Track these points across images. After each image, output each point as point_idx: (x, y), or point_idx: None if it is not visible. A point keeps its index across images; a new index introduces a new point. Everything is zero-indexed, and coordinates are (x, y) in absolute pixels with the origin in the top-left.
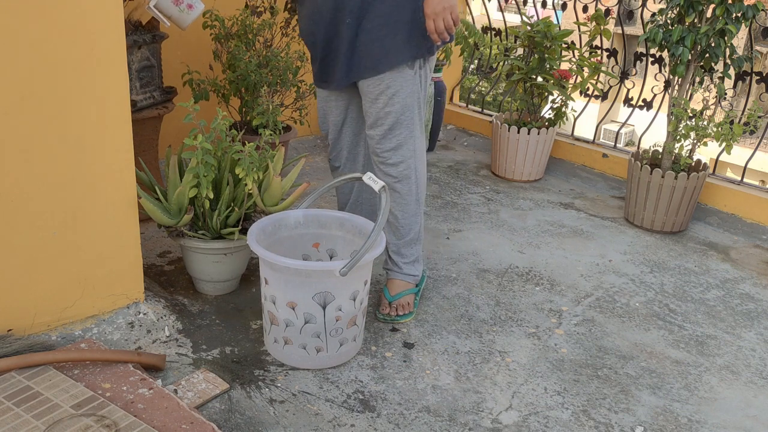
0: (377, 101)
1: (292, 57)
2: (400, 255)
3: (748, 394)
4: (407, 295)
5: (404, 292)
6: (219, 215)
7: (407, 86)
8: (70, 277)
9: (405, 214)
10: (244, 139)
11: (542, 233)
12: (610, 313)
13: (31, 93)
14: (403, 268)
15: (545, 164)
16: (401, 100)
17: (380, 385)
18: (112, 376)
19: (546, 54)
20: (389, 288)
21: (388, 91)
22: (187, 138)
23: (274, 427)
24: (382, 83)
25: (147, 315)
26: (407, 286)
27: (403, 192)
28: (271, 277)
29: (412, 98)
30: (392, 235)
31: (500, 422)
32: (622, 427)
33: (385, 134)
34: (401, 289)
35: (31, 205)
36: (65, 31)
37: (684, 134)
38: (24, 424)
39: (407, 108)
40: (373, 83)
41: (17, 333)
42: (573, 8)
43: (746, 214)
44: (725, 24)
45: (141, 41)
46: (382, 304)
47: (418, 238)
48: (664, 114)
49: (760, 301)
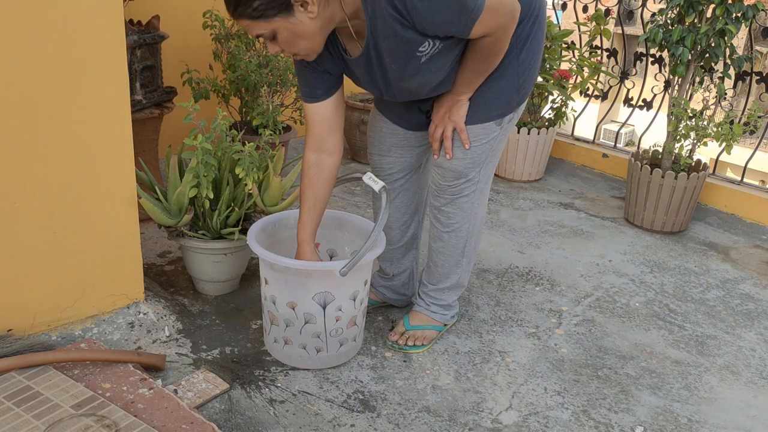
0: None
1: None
2: (432, 297)
3: (748, 394)
4: (428, 330)
5: (426, 326)
6: (219, 215)
7: (489, 141)
8: (70, 277)
9: (445, 263)
10: (244, 139)
11: (542, 233)
12: (610, 313)
13: (31, 93)
14: (431, 307)
15: (545, 164)
16: (480, 153)
17: (380, 385)
18: (112, 376)
19: (546, 54)
20: (410, 318)
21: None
22: (187, 138)
23: (274, 427)
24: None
25: (147, 315)
26: (432, 322)
27: (447, 242)
28: (271, 277)
29: (490, 153)
30: (428, 276)
31: (500, 422)
32: (622, 427)
33: (449, 185)
34: (423, 323)
35: (31, 205)
36: (65, 31)
37: (684, 134)
38: (24, 424)
39: (482, 162)
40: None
41: (17, 333)
42: (573, 8)
43: (746, 214)
44: (725, 24)
45: (141, 41)
46: (395, 331)
47: (457, 286)
48: (664, 114)
49: (760, 301)
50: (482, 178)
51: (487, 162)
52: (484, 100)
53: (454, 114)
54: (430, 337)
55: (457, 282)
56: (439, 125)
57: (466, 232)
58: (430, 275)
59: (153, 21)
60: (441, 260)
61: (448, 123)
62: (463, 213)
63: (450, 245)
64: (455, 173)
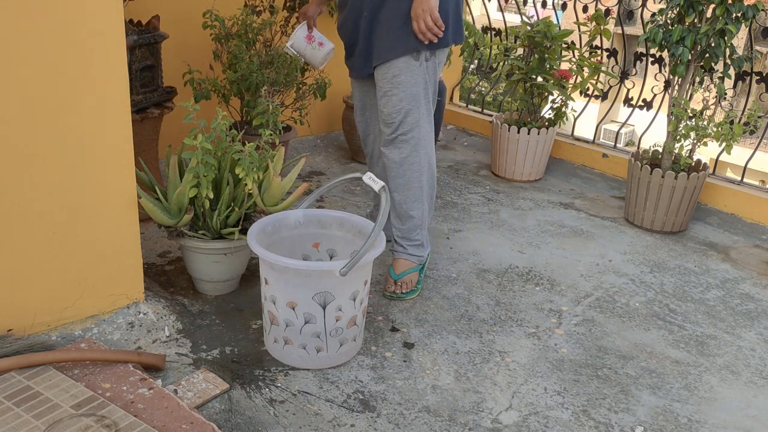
0: (383, 88)
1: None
2: (405, 239)
3: (748, 394)
4: (411, 273)
5: (408, 270)
6: (219, 215)
7: (412, 76)
8: (70, 277)
9: (406, 199)
10: (244, 139)
11: (542, 233)
12: (610, 313)
13: (31, 93)
14: (408, 249)
15: (545, 164)
16: (406, 88)
17: (380, 385)
18: (112, 376)
19: (546, 54)
20: (394, 267)
21: (395, 80)
22: (187, 138)
23: (274, 427)
24: (389, 72)
25: (147, 315)
26: (411, 265)
27: (405, 176)
28: (271, 277)
29: (417, 88)
30: (396, 219)
31: (500, 422)
32: (622, 427)
33: (390, 120)
34: (405, 268)
35: (31, 205)
36: (65, 31)
37: (684, 134)
38: (24, 424)
39: (413, 97)
40: (382, 71)
41: (17, 333)
42: (573, 8)
43: (746, 214)
44: (725, 24)
45: (141, 41)
46: (387, 283)
47: (422, 224)
48: (664, 114)
49: (760, 301)
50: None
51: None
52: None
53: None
54: (414, 280)
55: (421, 218)
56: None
57: (417, 165)
58: (398, 217)
59: (153, 21)
60: (402, 197)
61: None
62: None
63: (407, 179)
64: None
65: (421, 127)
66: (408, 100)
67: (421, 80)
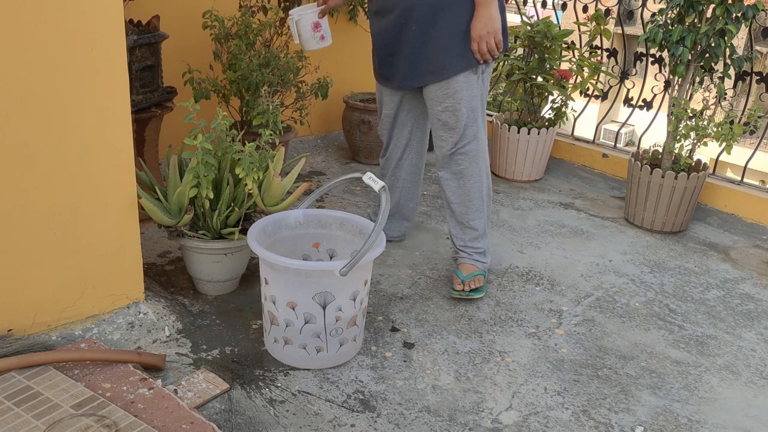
0: (443, 104)
1: (293, 58)
2: (468, 247)
3: (748, 394)
4: (478, 275)
5: (475, 272)
6: (219, 215)
7: (471, 90)
8: (70, 277)
9: (468, 210)
10: (244, 139)
11: (542, 233)
12: (610, 313)
13: (31, 93)
14: (472, 255)
15: (545, 164)
16: (466, 103)
17: (380, 385)
18: (112, 376)
19: (546, 54)
20: (461, 270)
21: (456, 96)
22: (187, 138)
23: (274, 427)
24: (450, 88)
25: (147, 315)
26: (477, 268)
27: (464, 188)
28: (271, 277)
29: (475, 101)
30: (457, 229)
31: (500, 422)
32: (622, 427)
33: (451, 135)
34: (472, 270)
35: (31, 205)
36: (65, 32)
37: (684, 134)
38: (24, 424)
39: (472, 110)
40: (440, 87)
41: (17, 333)
42: (573, 8)
43: (746, 214)
44: (725, 24)
45: (141, 41)
46: (455, 282)
47: (484, 234)
48: (664, 114)
49: (760, 301)
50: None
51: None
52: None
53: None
54: (481, 280)
55: (484, 229)
56: (481, 42)
57: (478, 176)
58: (462, 229)
59: (153, 21)
60: (465, 209)
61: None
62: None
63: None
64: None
65: (479, 140)
66: (467, 114)
67: (478, 93)
